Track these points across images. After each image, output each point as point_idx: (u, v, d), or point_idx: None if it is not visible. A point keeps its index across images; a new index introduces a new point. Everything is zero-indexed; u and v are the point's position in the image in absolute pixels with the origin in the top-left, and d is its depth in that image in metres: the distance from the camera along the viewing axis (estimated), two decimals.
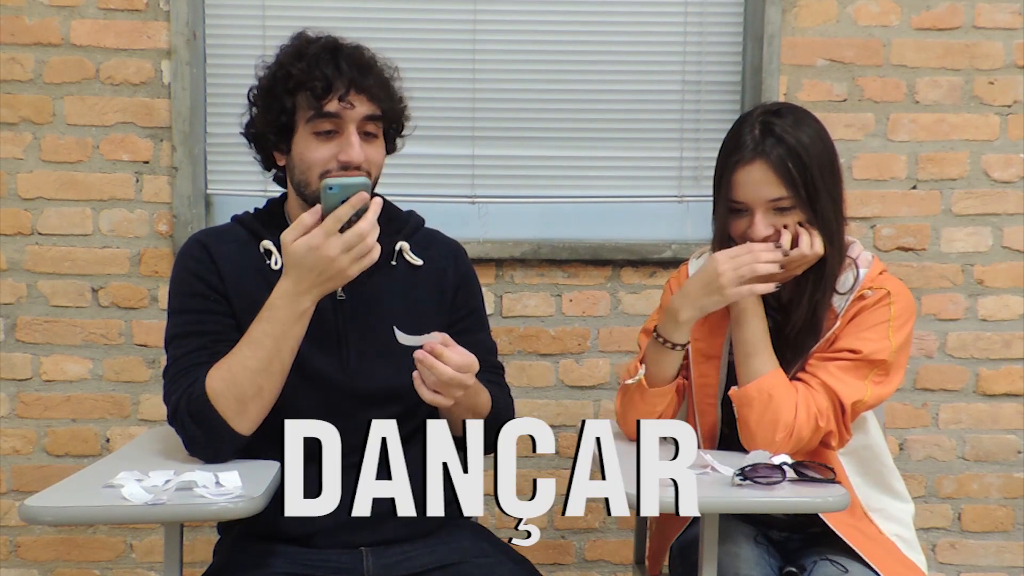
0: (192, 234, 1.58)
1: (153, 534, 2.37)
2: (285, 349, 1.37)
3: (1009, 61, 2.36)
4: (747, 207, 1.49)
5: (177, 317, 1.48)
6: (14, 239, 2.32)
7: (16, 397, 2.34)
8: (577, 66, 2.41)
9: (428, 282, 1.57)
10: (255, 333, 1.37)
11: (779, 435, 1.46)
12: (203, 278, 1.48)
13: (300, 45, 1.48)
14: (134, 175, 2.32)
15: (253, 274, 1.48)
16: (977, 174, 2.39)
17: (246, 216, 1.57)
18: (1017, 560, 2.45)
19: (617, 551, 2.44)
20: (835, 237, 1.51)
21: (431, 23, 2.38)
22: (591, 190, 2.44)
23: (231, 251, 1.50)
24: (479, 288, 1.67)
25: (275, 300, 1.36)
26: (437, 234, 1.66)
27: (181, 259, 1.52)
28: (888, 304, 1.52)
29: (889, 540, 1.55)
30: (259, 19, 2.32)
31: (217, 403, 1.36)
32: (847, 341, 1.51)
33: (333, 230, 1.31)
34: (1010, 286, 2.40)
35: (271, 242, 1.50)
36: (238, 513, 1.23)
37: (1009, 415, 2.43)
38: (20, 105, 2.29)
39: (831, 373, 1.49)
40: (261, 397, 1.37)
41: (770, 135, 1.47)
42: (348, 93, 1.43)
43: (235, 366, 1.36)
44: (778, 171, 1.46)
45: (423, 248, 1.59)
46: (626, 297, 2.39)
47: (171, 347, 1.46)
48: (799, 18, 2.34)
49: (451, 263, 1.61)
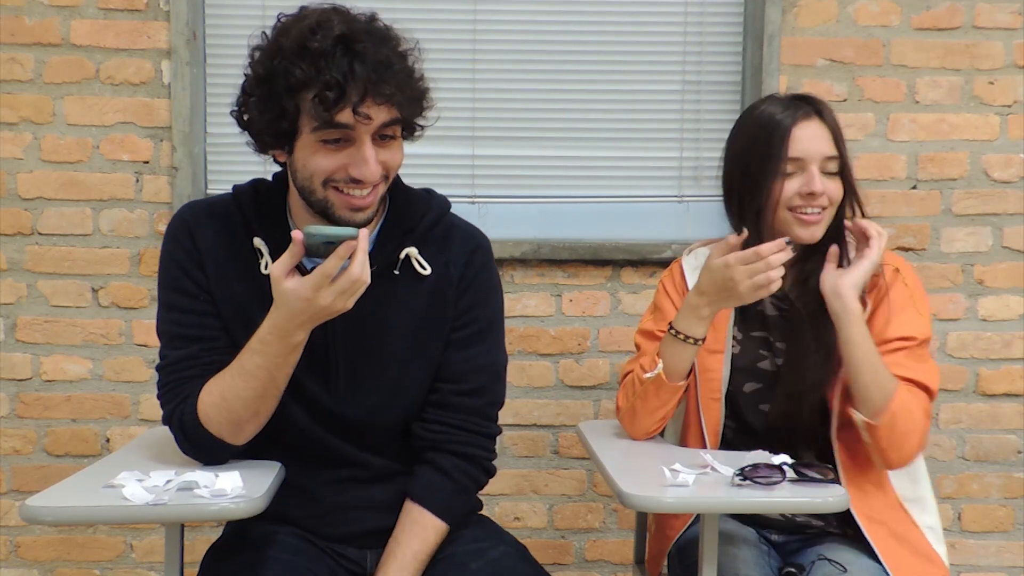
0: (183, 205, 1.47)
1: (153, 534, 2.37)
2: (280, 377, 1.32)
3: (1009, 61, 2.36)
4: (802, 165, 1.53)
5: (166, 312, 1.41)
6: (14, 239, 2.32)
7: (16, 397, 2.34)
8: (577, 66, 2.40)
9: (433, 289, 1.43)
10: (248, 365, 1.30)
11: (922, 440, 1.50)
12: (187, 272, 1.39)
13: (303, 33, 1.25)
14: (134, 175, 2.32)
15: (241, 274, 1.39)
16: (977, 174, 2.39)
17: (247, 195, 1.43)
18: (1017, 560, 2.45)
19: (617, 551, 2.44)
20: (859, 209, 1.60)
21: (431, 23, 2.37)
22: (591, 190, 2.44)
23: (217, 243, 1.40)
24: (490, 294, 1.49)
25: (266, 335, 1.28)
26: (456, 228, 1.48)
27: (169, 240, 1.42)
28: (903, 283, 1.58)
29: (920, 532, 1.56)
30: (259, 19, 2.32)
31: (210, 426, 1.34)
32: (893, 329, 1.54)
33: (324, 284, 1.21)
34: (1010, 286, 2.40)
35: (263, 241, 1.39)
36: (239, 513, 1.23)
37: (1009, 415, 2.43)
38: (20, 105, 2.29)
39: (905, 366, 1.52)
40: (257, 418, 1.36)
41: (813, 102, 1.56)
42: (363, 102, 1.23)
43: (228, 395, 1.32)
44: (832, 130, 1.54)
45: (437, 248, 1.44)
46: (626, 297, 2.39)
47: (162, 343, 1.42)
48: (799, 18, 2.34)
49: (460, 267, 1.45)
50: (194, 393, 1.35)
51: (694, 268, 1.66)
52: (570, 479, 2.43)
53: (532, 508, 2.43)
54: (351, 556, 1.47)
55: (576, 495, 2.43)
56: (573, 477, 2.43)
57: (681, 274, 1.69)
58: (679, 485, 1.32)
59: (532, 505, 2.43)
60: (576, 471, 2.42)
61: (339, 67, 1.22)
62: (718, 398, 1.61)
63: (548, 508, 2.43)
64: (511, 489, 2.42)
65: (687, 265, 1.69)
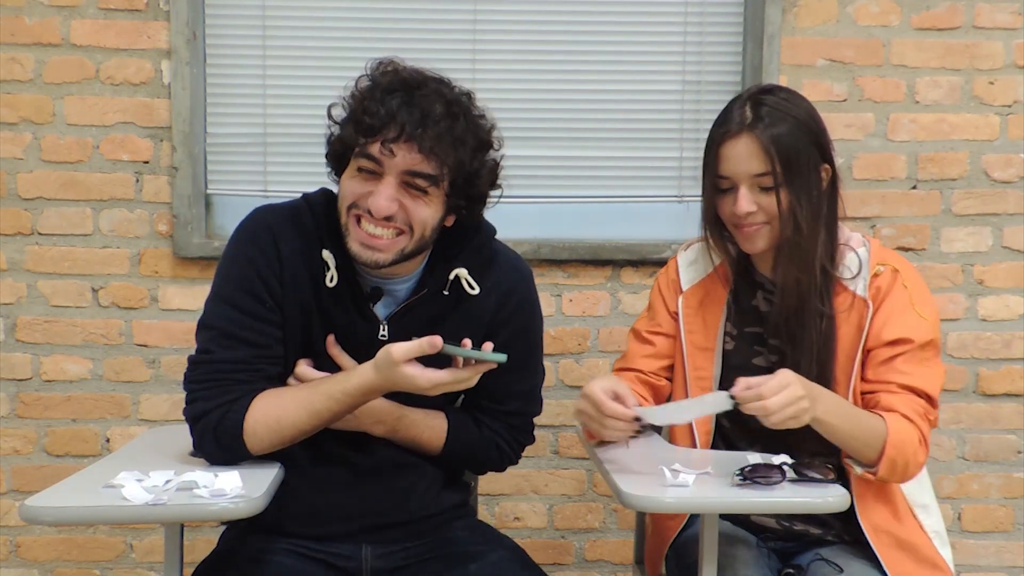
0: (260, 208, 1.47)
1: (153, 534, 2.37)
2: (340, 419, 1.40)
3: (1009, 61, 2.36)
4: (732, 183, 1.50)
5: (225, 308, 1.40)
6: (14, 239, 2.32)
7: (16, 397, 2.34)
8: (577, 66, 2.40)
9: (476, 311, 1.48)
10: (319, 406, 1.37)
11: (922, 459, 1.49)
12: (264, 279, 1.41)
13: (379, 73, 1.39)
14: (134, 175, 2.32)
15: (310, 284, 1.43)
16: (977, 174, 2.39)
17: (319, 204, 1.46)
18: (1017, 560, 2.45)
19: (617, 551, 2.44)
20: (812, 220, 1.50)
21: (431, 23, 2.37)
22: (591, 190, 2.44)
23: (296, 250, 1.42)
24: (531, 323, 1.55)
25: (353, 390, 1.36)
26: (499, 255, 1.52)
27: (245, 242, 1.43)
28: (902, 284, 1.53)
29: (927, 537, 1.55)
30: (259, 19, 2.31)
31: (249, 441, 1.36)
32: (888, 332, 1.50)
33: (441, 385, 1.33)
34: (1010, 286, 2.40)
35: (331, 254, 1.42)
36: (238, 513, 1.23)
37: (1009, 415, 2.43)
38: (20, 105, 2.29)
39: (902, 371, 1.49)
40: (291, 442, 1.41)
41: (758, 111, 1.49)
42: (396, 140, 1.32)
43: (285, 422, 1.37)
44: (763, 145, 1.46)
45: (480, 273, 1.48)
46: (626, 297, 2.39)
47: (208, 338, 1.40)
48: (799, 18, 2.34)
49: (502, 296, 1.49)
50: (241, 399, 1.36)
51: (689, 263, 1.66)
52: (570, 479, 2.43)
53: (532, 508, 2.43)
54: (346, 554, 1.47)
55: (576, 495, 2.43)
56: (573, 477, 2.43)
57: (676, 271, 1.68)
58: (679, 485, 1.32)
59: (532, 505, 2.43)
60: (576, 471, 2.42)
61: (386, 104, 1.32)
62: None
63: (548, 508, 2.43)
64: (511, 489, 2.42)
65: (682, 261, 1.68)
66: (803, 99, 1.54)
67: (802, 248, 1.50)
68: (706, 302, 1.62)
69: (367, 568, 1.47)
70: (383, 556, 1.48)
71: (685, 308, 1.63)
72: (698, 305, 1.62)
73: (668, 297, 1.67)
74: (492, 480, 2.41)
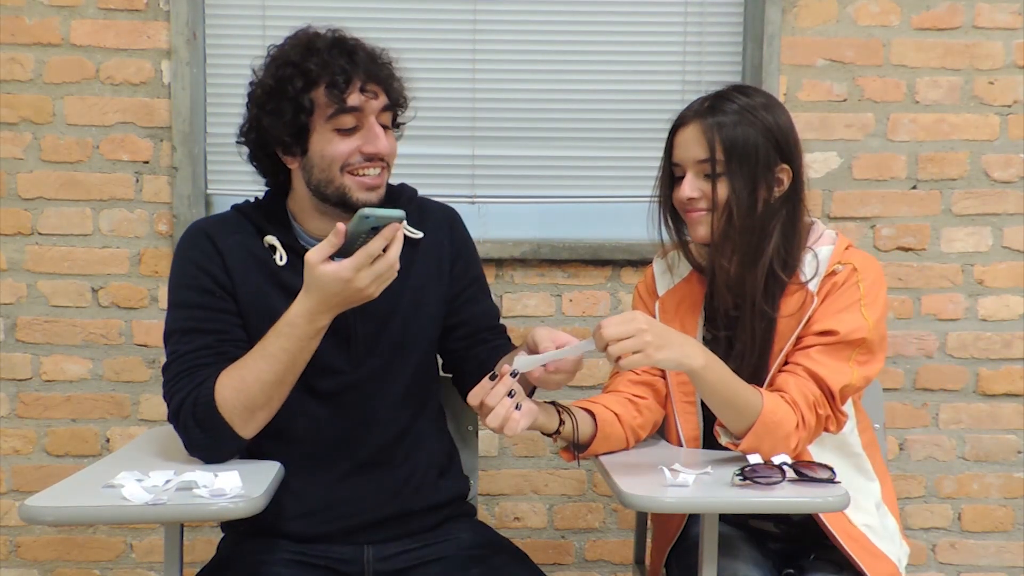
0: (193, 222, 1.54)
1: (153, 534, 2.37)
2: (300, 362, 1.37)
3: (1009, 61, 2.36)
4: (683, 169, 1.53)
5: (180, 311, 1.45)
6: (14, 239, 2.32)
7: (16, 397, 2.34)
8: (577, 66, 2.41)
9: (427, 256, 1.56)
10: (271, 348, 1.35)
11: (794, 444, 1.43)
12: (208, 271, 1.45)
13: (307, 40, 1.43)
14: (134, 175, 2.32)
15: (259, 269, 1.46)
16: (977, 174, 2.39)
17: (248, 207, 1.53)
18: (1017, 560, 2.45)
19: (617, 551, 2.44)
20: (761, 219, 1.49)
21: (431, 23, 2.38)
22: (591, 190, 2.44)
23: (236, 243, 1.47)
24: (477, 254, 1.66)
25: (295, 318, 1.33)
26: (428, 202, 1.64)
27: (184, 249, 1.49)
28: (856, 283, 1.50)
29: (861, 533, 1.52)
30: (259, 19, 2.32)
31: (224, 411, 1.35)
32: (822, 323, 1.48)
33: (365, 264, 1.28)
34: (1010, 286, 2.40)
35: (275, 238, 1.47)
36: (238, 513, 1.23)
37: (1009, 415, 2.43)
38: (20, 105, 2.29)
39: (814, 359, 1.47)
40: (270, 406, 1.38)
41: (716, 102, 1.51)
42: (367, 84, 1.41)
43: (248, 377, 1.35)
44: (706, 133, 1.49)
45: (418, 220, 1.57)
46: (626, 297, 2.39)
47: (172, 341, 1.44)
48: (799, 18, 2.34)
49: (447, 233, 1.60)
50: (211, 378, 1.37)
51: (664, 270, 1.66)
52: (570, 479, 2.43)
53: (532, 508, 2.43)
54: (348, 557, 1.47)
55: (576, 495, 2.43)
56: (573, 477, 2.43)
57: (652, 277, 1.68)
58: (679, 485, 1.32)
59: (532, 505, 2.43)
60: (576, 471, 2.42)
61: (341, 60, 1.40)
62: (693, 401, 1.58)
63: (548, 508, 2.43)
64: (511, 489, 2.42)
65: (657, 268, 1.68)
66: (775, 102, 1.53)
67: (732, 241, 1.49)
68: (683, 306, 1.62)
69: (369, 571, 1.47)
70: (384, 559, 1.47)
71: (662, 313, 1.63)
72: (675, 309, 1.62)
73: (647, 302, 1.67)
74: (492, 480, 2.41)
